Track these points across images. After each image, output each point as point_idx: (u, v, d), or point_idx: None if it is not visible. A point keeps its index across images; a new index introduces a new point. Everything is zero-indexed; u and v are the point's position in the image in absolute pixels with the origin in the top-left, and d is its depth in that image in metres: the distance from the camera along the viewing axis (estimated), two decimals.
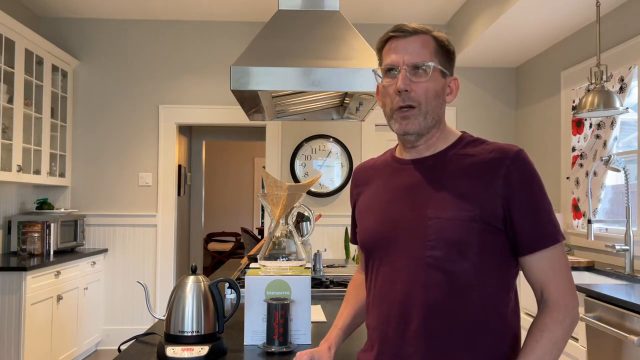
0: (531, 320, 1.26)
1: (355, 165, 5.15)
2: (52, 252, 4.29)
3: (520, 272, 1.24)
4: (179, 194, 6.52)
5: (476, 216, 1.14)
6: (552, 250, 1.16)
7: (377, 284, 1.25)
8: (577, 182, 3.96)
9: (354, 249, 5.17)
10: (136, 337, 1.63)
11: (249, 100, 2.68)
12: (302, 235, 2.85)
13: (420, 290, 1.15)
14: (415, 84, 1.20)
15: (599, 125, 3.67)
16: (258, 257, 1.65)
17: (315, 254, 2.88)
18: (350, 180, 1.43)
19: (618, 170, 3.21)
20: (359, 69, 2.38)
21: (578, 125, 4.01)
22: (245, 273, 2.70)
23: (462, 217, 1.14)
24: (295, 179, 5.10)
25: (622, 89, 3.42)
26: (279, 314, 1.49)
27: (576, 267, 3.37)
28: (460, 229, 1.14)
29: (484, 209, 1.14)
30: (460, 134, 1.29)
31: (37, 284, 3.70)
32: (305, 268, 1.66)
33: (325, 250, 3.66)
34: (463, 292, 1.14)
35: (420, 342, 1.14)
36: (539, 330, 1.14)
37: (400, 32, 1.23)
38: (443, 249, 1.14)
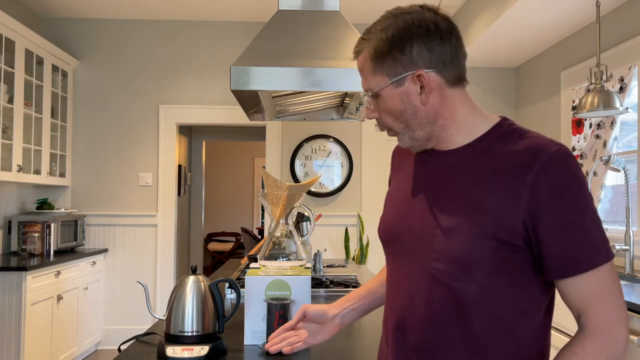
0: (567, 340, 1.13)
1: (355, 165, 5.16)
2: (52, 252, 4.29)
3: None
4: (179, 194, 6.52)
5: (488, 232, 0.97)
6: (590, 274, 0.96)
7: (387, 281, 1.18)
8: None
9: (353, 249, 5.17)
10: (136, 337, 1.63)
11: (249, 100, 2.68)
12: (302, 235, 2.85)
13: (421, 303, 1.04)
14: (380, 110, 1.09)
15: (598, 125, 3.67)
16: (258, 257, 1.65)
17: (315, 254, 2.88)
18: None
19: (618, 170, 3.21)
20: None
21: (578, 125, 4.01)
22: (245, 273, 2.70)
23: (472, 232, 0.99)
24: (295, 179, 5.10)
25: (622, 89, 3.42)
26: (278, 314, 1.49)
27: None
28: (467, 245, 0.99)
29: (499, 225, 0.97)
30: (498, 120, 1.09)
31: (37, 284, 3.71)
32: (305, 268, 1.66)
33: (325, 250, 3.66)
34: (467, 311, 1.00)
35: (417, 356, 1.05)
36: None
37: (354, 54, 1.10)
38: (447, 263, 1.01)
